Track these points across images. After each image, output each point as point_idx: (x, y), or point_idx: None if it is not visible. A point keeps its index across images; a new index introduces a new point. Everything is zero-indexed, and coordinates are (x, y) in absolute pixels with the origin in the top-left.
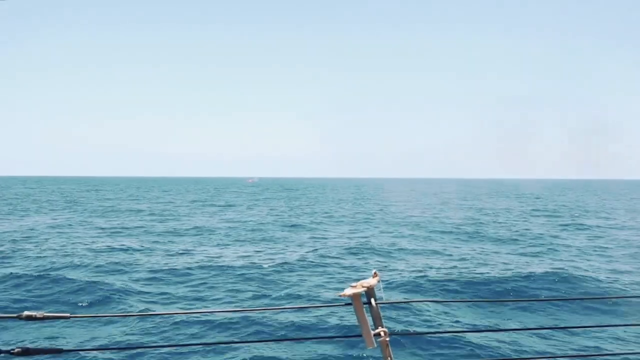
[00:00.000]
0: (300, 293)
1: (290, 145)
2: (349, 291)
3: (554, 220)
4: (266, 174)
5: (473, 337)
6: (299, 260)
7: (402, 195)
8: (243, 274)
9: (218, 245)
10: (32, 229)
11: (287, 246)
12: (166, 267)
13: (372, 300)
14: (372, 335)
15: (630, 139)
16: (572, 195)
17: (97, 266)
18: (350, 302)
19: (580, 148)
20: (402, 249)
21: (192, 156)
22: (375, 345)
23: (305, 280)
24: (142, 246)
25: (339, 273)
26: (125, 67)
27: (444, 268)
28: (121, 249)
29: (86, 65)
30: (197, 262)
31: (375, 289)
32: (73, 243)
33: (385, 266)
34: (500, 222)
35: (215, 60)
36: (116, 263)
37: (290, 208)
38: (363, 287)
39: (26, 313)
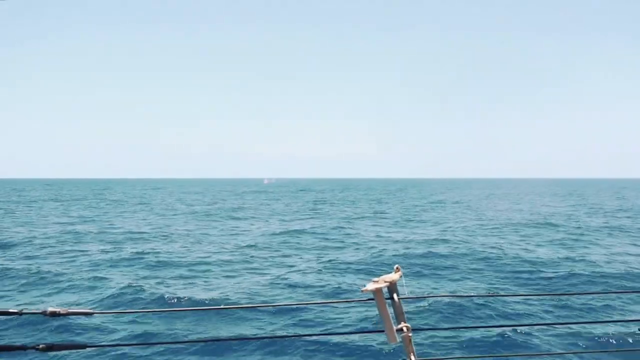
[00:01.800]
0: None
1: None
2: (370, 286)
3: None
4: (276, 175)
5: (497, 332)
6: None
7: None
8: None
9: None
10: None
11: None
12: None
13: (395, 296)
14: (395, 330)
15: None
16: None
17: (123, 264)
18: (372, 297)
19: None
20: None
21: (199, 157)
22: (398, 341)
23: None
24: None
25: None
26: (143, 68)
27: None
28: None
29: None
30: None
31: (398, 284)
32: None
33: None
34: None
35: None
36: (142, 261)
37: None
38: (385, 282)
39: (50, 309)
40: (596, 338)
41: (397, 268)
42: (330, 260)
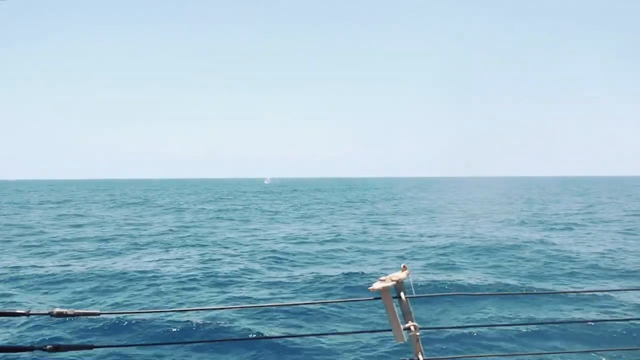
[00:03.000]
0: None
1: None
2: (378, 285)
3: None
4: (277, 175)
5: (505, 330)
6: None
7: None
8: None
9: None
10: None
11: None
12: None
13: (402, 294)
14: (402, 329)
15: None
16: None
17: (129, 265)
18: (379, 296)
19: None
20: None
21: (199, 157)
22: (405, 340)
23: None
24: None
25: None
26: (145, 69)
27: None
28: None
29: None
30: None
31: (405, 283)
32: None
33: None
34: None
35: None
36: (151, 262)
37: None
38: (392, 280)
39: (57, 310)
40: (601, 336)
41: (404, 267)
42: (298, 273)
